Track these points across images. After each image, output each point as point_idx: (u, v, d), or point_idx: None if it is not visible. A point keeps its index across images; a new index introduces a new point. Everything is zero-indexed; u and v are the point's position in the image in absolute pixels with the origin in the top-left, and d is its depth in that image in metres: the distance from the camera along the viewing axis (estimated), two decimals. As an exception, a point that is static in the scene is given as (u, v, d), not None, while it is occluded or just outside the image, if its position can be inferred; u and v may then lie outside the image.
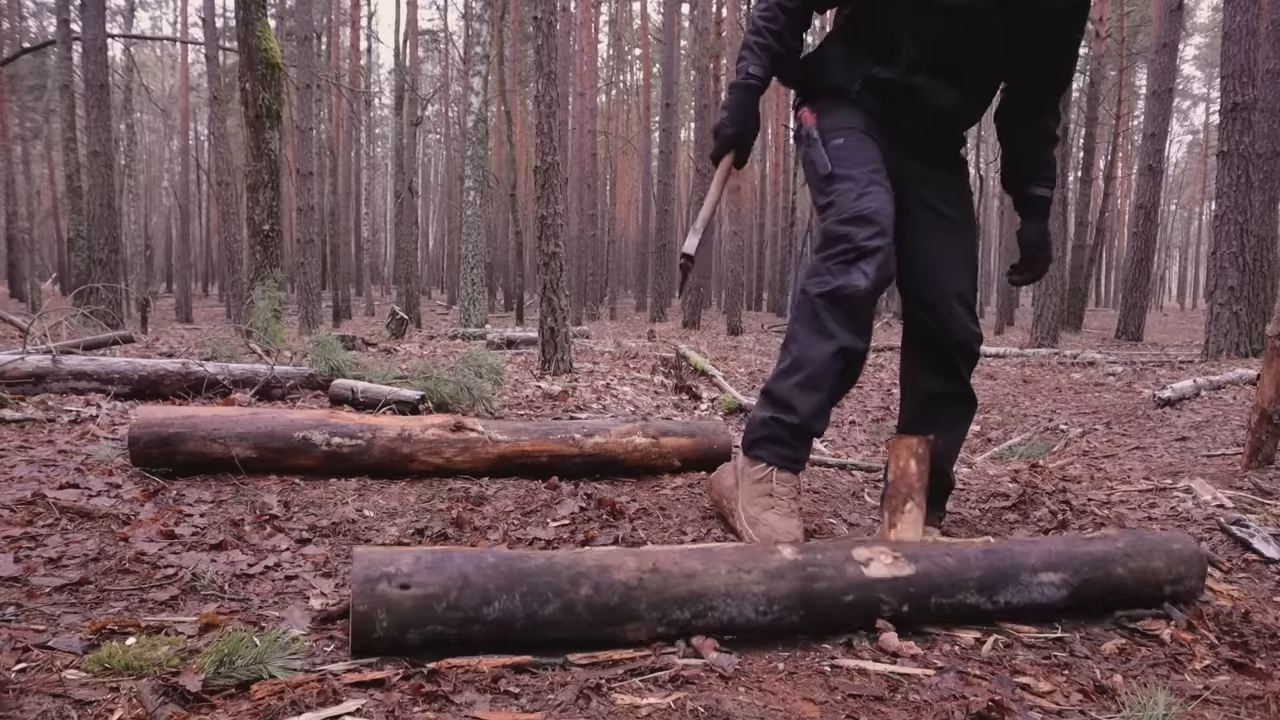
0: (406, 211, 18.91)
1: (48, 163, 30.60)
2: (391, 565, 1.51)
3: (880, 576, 1.71)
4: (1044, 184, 2.30)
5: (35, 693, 1.32)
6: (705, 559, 1.68)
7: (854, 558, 1.73)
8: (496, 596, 1.53)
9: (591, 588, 1.58)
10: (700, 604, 1.62)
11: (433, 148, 42.71)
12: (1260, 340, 7.68)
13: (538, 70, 6.04)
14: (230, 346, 4.89)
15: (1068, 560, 1.85)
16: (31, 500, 2.29)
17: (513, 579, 1.55)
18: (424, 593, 1.50)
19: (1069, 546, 1.89)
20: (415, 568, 1.52)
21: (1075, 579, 1.84)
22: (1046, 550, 1.86)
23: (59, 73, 14.02)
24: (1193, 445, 4.24)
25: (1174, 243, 50.53)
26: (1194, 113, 47.42)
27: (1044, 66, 2.19)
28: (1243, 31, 8.02)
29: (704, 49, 17.94)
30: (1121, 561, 1.89)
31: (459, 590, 1.52)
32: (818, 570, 1.69)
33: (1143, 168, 13.32)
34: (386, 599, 1.48)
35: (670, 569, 1.63)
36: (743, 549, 1.75)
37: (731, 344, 12.38)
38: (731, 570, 1.65)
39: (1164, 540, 1.96)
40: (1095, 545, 1.91)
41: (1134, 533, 2.00)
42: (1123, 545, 1.92)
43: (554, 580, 1.57)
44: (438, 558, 1.55)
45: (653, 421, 3.26)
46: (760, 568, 1.67)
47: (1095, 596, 1.87)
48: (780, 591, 1.65)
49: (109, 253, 11.45)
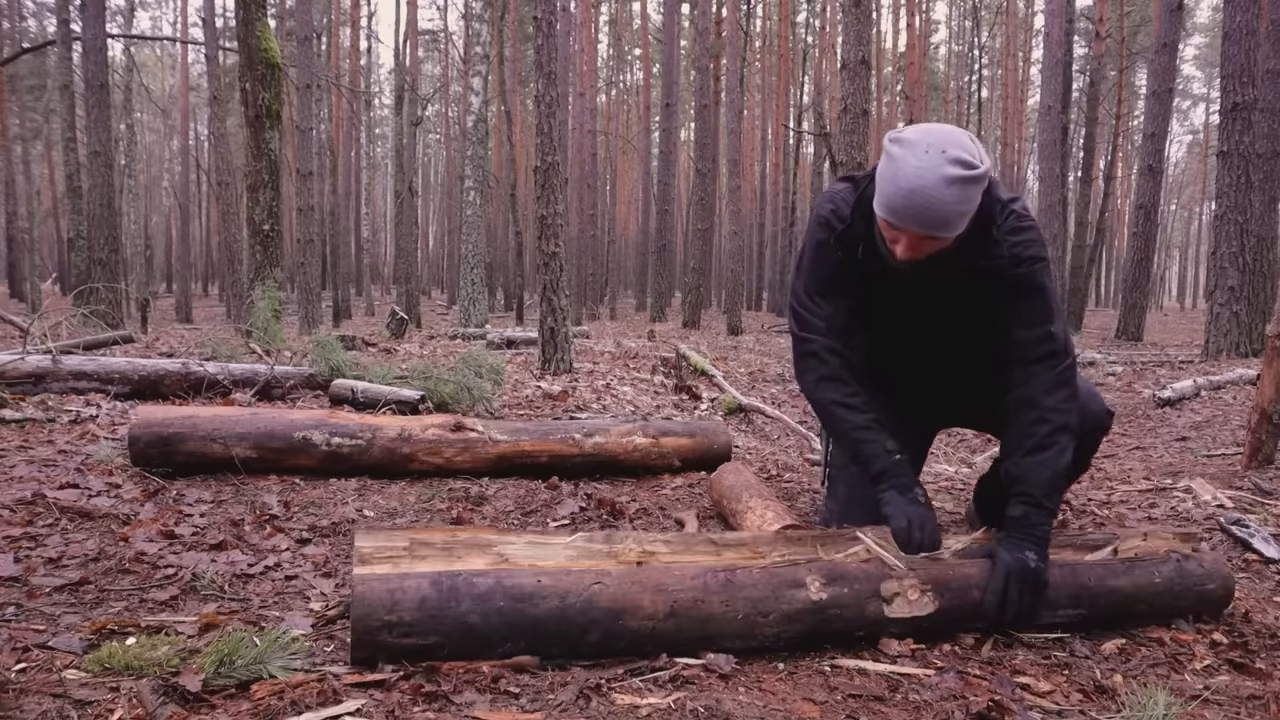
0: (406, 211, 18.90)
1: (48, 163, 30.59)
2: (393, 612, 1.43)
3: (898, 616, 1.67)
4: (1023, 500, 1.80)
5: (35, 693, 1.32)
6: (727, 597, 1.59)
7: (880, 593, 1.66)
8: (500, 644, 1.48)
9: (600, 634, 1.52)
10: (709, 643, 1.58)
11: (433, 148, 42.70)
12: (1260, 340, 7.67)
13: (538, 70, 6.04)
14: (230, 346, 4.88)
15: (1094, 599, 1.80)
16: (31, 500, 2.29)
17: (521, 629, 1.48)
18: (425, 643, 1.45)
19: (1103, 579, 1.81)
20: (418, 616, 1.44)
21: (1092, 613, 1.81)
22: (1079, 586, 1.79)
23: (59, 73, 14.02)
24: (1193, 445, 4.24)
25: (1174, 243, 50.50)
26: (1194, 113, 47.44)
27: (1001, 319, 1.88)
28: (1243, 31, 8.02)
29: (704, 49, 17.92)
30: (1148, 600, 1.83)
31: (462, 638, 1.47)
32: (836, 613, 1.63)
33: (1143, 168, 13.31)
34: (387, 647, 1.44)
35: (687, 613, 1.55)
36: (771, 578, 1.63)
37: (731, 344, 12.38)
38: (749, 614, 1.58)
39: (1202, 579, 1.88)
40: (1131, 579, 1.83)
41: (1178, 567, 1.87)
42: (1160, 582, 1.84)
43: (563, 629, 1.50)
44: (444, 599, 1.46)
45: (653, 422, 3.26)
46: (780, 610, 1.60)
47: (1106, 622, 1.84)
48: (791, 632, 1.62)
49: (109, 253, 11.44)
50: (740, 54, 20.82)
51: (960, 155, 1.60)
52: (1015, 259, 1.79)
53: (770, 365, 8.45)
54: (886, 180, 1.66)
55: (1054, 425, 1.80)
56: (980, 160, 1.63)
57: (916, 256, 1.72)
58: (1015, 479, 1.82)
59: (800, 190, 23.64)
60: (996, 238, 1.77)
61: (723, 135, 19.33)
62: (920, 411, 2.23)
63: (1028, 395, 1.83)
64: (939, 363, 2.09)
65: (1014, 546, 1.75)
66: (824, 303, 1.93)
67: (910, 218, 1.64)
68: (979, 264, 1.79)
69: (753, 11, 27.22)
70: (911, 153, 1.63)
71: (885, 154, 1.68)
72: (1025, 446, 1.82)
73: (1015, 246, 1.79)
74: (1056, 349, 1.83)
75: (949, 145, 1.62)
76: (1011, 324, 1.85)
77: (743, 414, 5.34)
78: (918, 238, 1.68)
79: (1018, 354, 1.85)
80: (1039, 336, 1.83)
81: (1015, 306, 1.84)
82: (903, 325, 2.00)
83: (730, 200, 20.11)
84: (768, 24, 29.57)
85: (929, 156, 1.60)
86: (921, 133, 1.66)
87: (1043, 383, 1.82)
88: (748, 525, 2.29)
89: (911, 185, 1.60)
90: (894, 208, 1.65)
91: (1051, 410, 1.80)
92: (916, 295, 1.89)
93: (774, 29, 28.50)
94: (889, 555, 1.74)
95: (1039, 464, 1.79)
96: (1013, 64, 30.64)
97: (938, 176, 1.59)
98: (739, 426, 5.00)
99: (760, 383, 7.48)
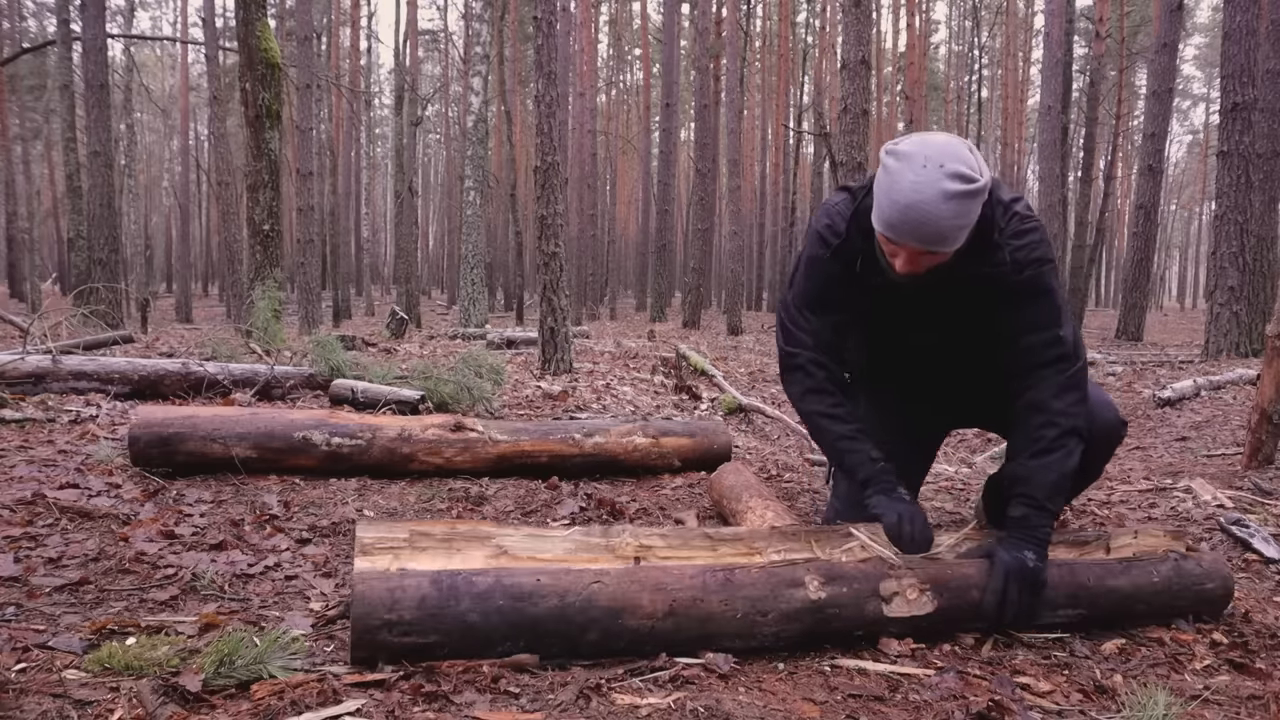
0: (406, 211, 18.90)
1: (48, 163, 30.59)
2: (393, 611, 1.44)
3: (897, 616, 1.67)
4: (1024, 500, 1.80)
5: (35, 693, 1.32)
6: (726, 596, 1.59)
7: (879, 592, 1.67)
8: (500, 643, 1.49)
9: (599, 633, 1.52)
10: (708, 642, 1.58)
11: (433, 148, 42.69)
12: (1260, 340, 7.67)
13: (538, 70, 6.04)
14: (230, 346, 4.88)
15: (1093, 598, 1.80)
16: (31, 500, 2.29)
17: (521, 628, 1.49)
18: (425, 641, 1.46)
19: (1101, 579, 1.81)
20: (418, 615, 1.45)
21: (1091, 612, 1.81)
22: (1078, 585, 1.79)
23: (59, 73, 14.02)
24: (1193, 445, 4.24)
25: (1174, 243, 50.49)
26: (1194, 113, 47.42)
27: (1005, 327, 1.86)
28: (1243, 31, 8.02)
29: (704, 49, 17.91)
30: (1147, 600, 1.84)
31: (462, 637, 1.47)
32: (836, 612, 1.64)
33: (1143, 168, 13.31)
34: (387, 646, 1.45)
35: (686, 612, 1.56)
36: (770, 577, 1.64)
37: (731, 344, 12.38)
38: (748, 614, 1.59)
39: (1200, 579, 1.88)
40: (1129, 579, 1.83)
41: (1176, 567, 1.87)
42: (1158, 581, 1.84)
43: (563, 628, 1.51)
44: (444, 598, 1.47)
45: (653, 421, 3.26)
46: (779, 610, 1.60)
47: (1106, 622, 1.85)
48: (790, 631, 1.62)
49: (109, 253, 11.44)
50: (740, 54, 20.81)
51: (958, 169, 1.57)
52: (1018, 263, 1.76)
53: (770, 365, 8.44)
54: (883, 194, 1.63)
55: (1062, 429, 1.78)
56: (980, 172, 1.59)
57: (916, 271, 1.70)
58: (1019, 480, 1.81)
59: (800, 190, 23.64)
60: (998, 242, 1.74)
61: (723, 135, 19.33)
62: (927, 417, 2.22)
63: (1036, 399, 1.80)
64: (944, 369, 2.06)
65: (1013, 546, 1.75)
66: (813, 317, 1.93)
67: (908, 233, 1.61)
68: (980, 271, 1.76)
69: (753, 11, 27.22)
70: (908, 166, 1.59)
71: (882, 166, 1.65)
72: (1032, 449, 1.80)
73: (1018, 250, 1.76)
74: (1066, 352, 1.80)
75: (947, 158, 1.58)
76: (1019, 329, 1.82)
77: (743, 414, 5.34)
78: (916, 252, 1.66)
79: (1026, 358, 1.82)
80: (1047, 340, 1.80)
81: (1021, 311, 1.81)
82: (905, 335, 1.98)
83: (730, 200, 20.11)
84: (768, 24, 29.58)
85: (926, 171, 1.57)
86: (918, 145, 1.63)
87: (1051, 386, 1.79)
88: (748, 525, 2.29)
89: (908, 200, 1.57)
90: (891, 223, 1.62)
91: (1060, 414, 1.78)
92: (918, 306, 1.87)
93: (774, 29, 28.50)
94: (883, 549, 1.75)
95: (1044, 466, 1.78)
96: (1013, 64, 30.64)
97: (935, 191, 1.56)
98: (739, 426, 5.00)
99: (760, 383, 7.48)
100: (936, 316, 1.89)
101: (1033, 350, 1.81)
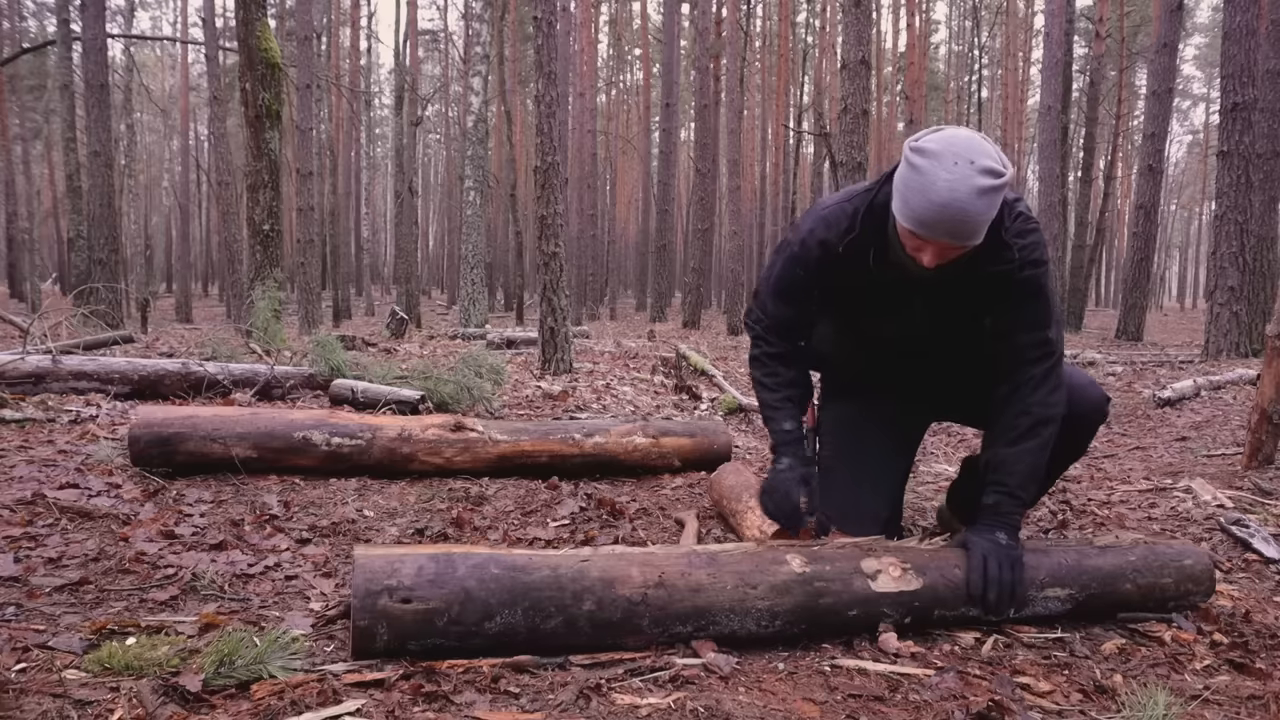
0: (406, 211, 18.91)
1: (48, 163, 30.59)
2: (393, 578, 1.49)
3: (886, 591, 1.70)
4: (996, 488, 1.87)
5: (35, 693, 1.32)
6: (712, 570, 1.65)
7: (862, 570, 1.71)
8: (499, 611, 1.52)
9: (595, 602, 1.56)
10: (703, 619, 1.61)
11: (433, 148, 42.68)
12: (1260, 340, 7.67)
13: (538, 70, 6.04)
14: (230, 346, 4.88)
15: (1076, 576, 1.83)
16: (31, 500, 2.29)
17: (516, 594, 1.53)
18: (426, 608, 1.48)
19: (1080, 560, 1.85)
20: (417, 580, 1.49)
21: (1081, 594, 1.83)
22: (1056, 564, 1.83)
23: (59, 73, 14.03)
24: (1193, 445, 4.24)
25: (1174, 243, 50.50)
26: (1194, 113, 47.41)
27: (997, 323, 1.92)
28: (1243, 31, 8.02)
29: (704, 49, 17.92)
30: (1130, 578, 1.86)
31: (461, 605, 1.50)
32: (824, 585, 1.67)
33: (1143, 168, 13.30)
34: (388, 613, 1.47)
35: (676, 583, 1.61)
36: (751, 557, 1.71)
37: (731, 344, 12.38)
38: (738, 585, 1.63)
39: (1177, 555, 1.92)
40: (1107, 559, 1.87)
41: (1148, 547, 1.94)
42: (1135, 559, 1.88)
43: (558, 595, 1.55)
44: (441, 568, 1.52)
45: (653, 422, 3.26)
46: (767, 582, 1.65)
47: (1098, 609, 1.86)
48: (784, 606, 1.65)
49: (109, 253, 11.44)
50: (740, 54, 20.79)
51: (988, 164, 1.60)
52: (1021, 263, 1.80)
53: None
54: (915, 193, 1.64)
55: (1036, 418, 1.86)
56: (1004, 165, 1.63)
57: (943, 264, 1.73)
58: (993, 467, 1.89)
59: (800, 190, 23.62)
60: (1007, 240, 1.78)
61: (723, 135, 19.33)
62: (909, 409, 2.25)
63: (1014, 391, 1.88)
64: (929, 362, 2.11)
65: (984, 531, 1.83)
66: (781, 306, 2.04)
67: (944, 230, 1.63)
68: (992, 267, 1.80)
69: (753, 11, 27.20)
70: (940, 165, 1.61)
71: (908, 164, 1.66)
72: (1007, 438, 1.88)
73: (1023, 250, 1.80)
74: (1049, 351, 1.88)
75: (976, 155, 1.61)
76: (1012, 326, 1.88)
77: (743, 414, 5.34)
78: (946, 247, 1.68)
79: (1013, 355, 1.89)
80: (1037, 340, 1.87)
81: (1017, 309, 1.86)
82: (896, 328, 2.01)
83: (730, 200, 20.10)
84: (768, 24, 29.57)
85: (959, 169, 1.59)
86: (944, 142, 1.64)
87: (1030, 379, 1.87)
88: (748, 525, 2.29)
89: (944, 199, 1.59)
90: (925, 221, 1.63)
91: (1036, 404, 1.86)
92: (926, 297, 1.90)
93: (774, 29, 28.48)
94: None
95: (1018, 454, 1.86)
96: (1013, 64, 30.63)
97: (970, 189, 1.58)
98: (739, 426, 5.00)
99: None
100: (934, 310, 1.93)
101: (1021, 349, 1.88)
